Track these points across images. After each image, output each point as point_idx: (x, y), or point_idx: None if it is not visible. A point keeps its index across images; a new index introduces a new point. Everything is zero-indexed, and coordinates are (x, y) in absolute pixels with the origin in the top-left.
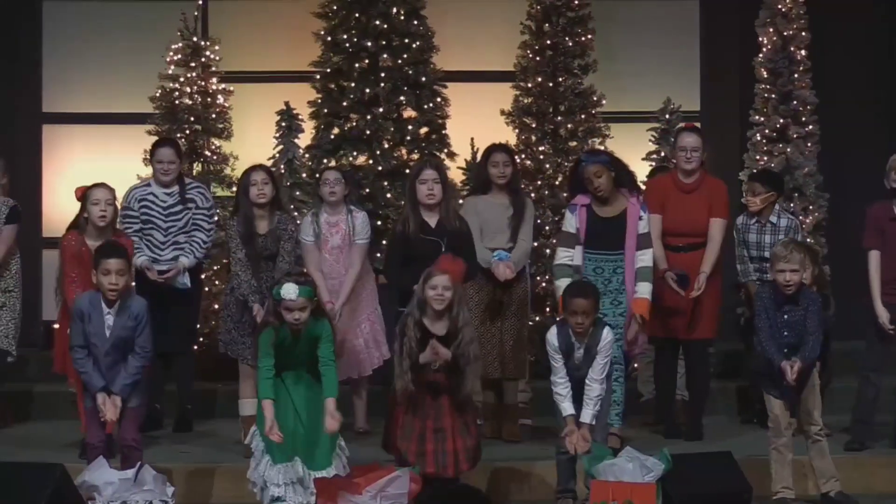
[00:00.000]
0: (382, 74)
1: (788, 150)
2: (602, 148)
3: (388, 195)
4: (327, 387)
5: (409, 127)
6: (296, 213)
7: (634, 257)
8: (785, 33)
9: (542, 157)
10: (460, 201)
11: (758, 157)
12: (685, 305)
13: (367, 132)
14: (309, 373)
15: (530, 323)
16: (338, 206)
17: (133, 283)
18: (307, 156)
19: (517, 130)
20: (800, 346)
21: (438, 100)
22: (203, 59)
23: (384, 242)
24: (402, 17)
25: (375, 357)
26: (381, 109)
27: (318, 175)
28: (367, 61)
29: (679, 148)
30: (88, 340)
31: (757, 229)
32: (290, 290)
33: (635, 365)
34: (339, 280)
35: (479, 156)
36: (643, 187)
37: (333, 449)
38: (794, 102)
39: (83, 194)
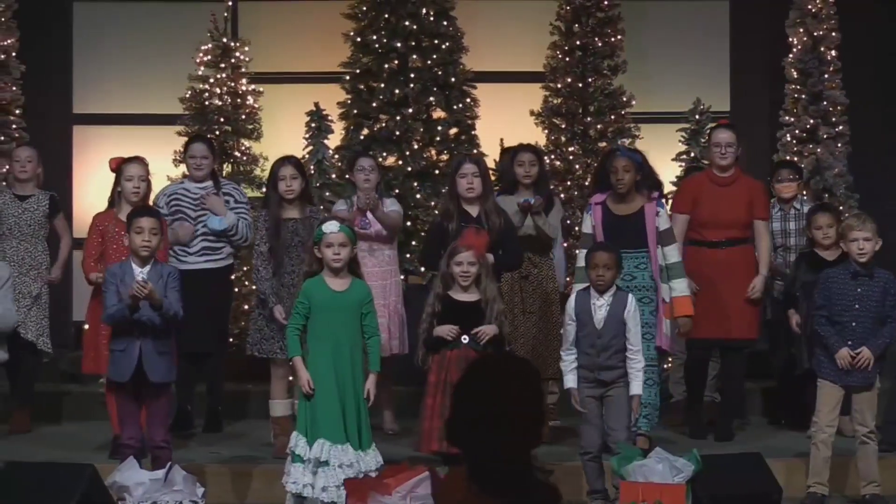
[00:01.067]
0: (412, 75)
1: (818, 150)
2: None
3: (418, 196)
4: (372, 360)
5: (439, 127)
6: (326, 214)
7: (657, 255)
8: (815, 33)
9: (571, 157)
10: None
11: (787, 158)
12: (728, 306)
13: (397, 133)
14: (352, 349)
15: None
16: (370, 193)
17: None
18: (336, 156)
19: (546, 131)
20: (861, 330)
21: (468, 100)
22: (233, 60)
23: (413, 243)
24: (432, 18)
25: (394, 343)
26: (410, 110)
27: (351, 163)
28: (396, 62)
29: (713, 144)
30: (121, 302)
31: (781, 217)
32: (331, 225)
33: (665, 366)
34: (371, 269)
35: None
36: (670, 187)
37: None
38: (824, 103)
39: (118, 167)
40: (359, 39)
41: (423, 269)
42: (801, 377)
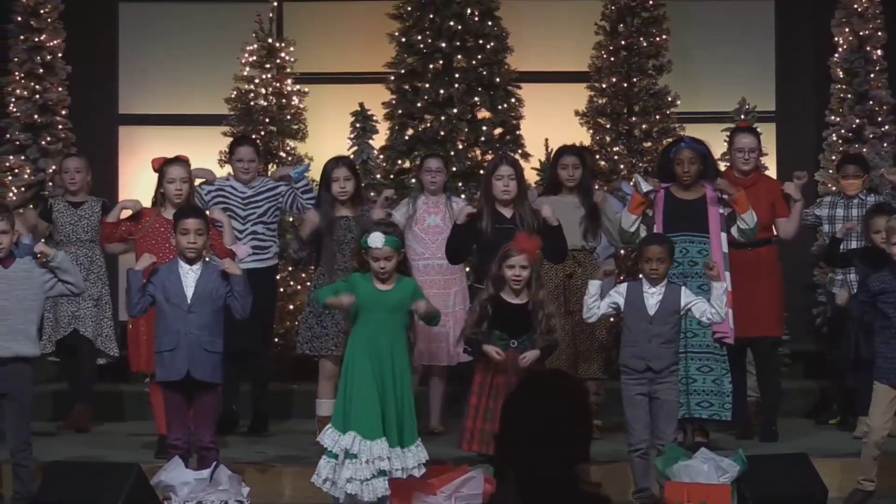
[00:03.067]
0: (456, 75)
1: (864, 150)
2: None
3: (462, 196)
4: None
5: (484, 128)
6: None
7: (721, 238)
8: (861, 33)
9: (616, 157)
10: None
11: (833, 158)
12: (750, 302)
13: (442, 133)
14: (397, 345)
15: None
16: (437, 193)
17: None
18: (381, 157)
19: (591, 131)
20: None
21: (512, 100)
22: (278, 61)
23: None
24: (477, 18)
25: (454, 353)
26: (455, 110)
27: (421, 163)
28: (441, 62)
29: (736, 149)
30: (167, 301)
31: (845, 205)
32: (376, 239)
33: None
34: (435, 261)
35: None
36: None
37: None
38: (871, 102)
39: (161, 167)
40: (403, 40)
41: (450, 262)
42: (853, 376)
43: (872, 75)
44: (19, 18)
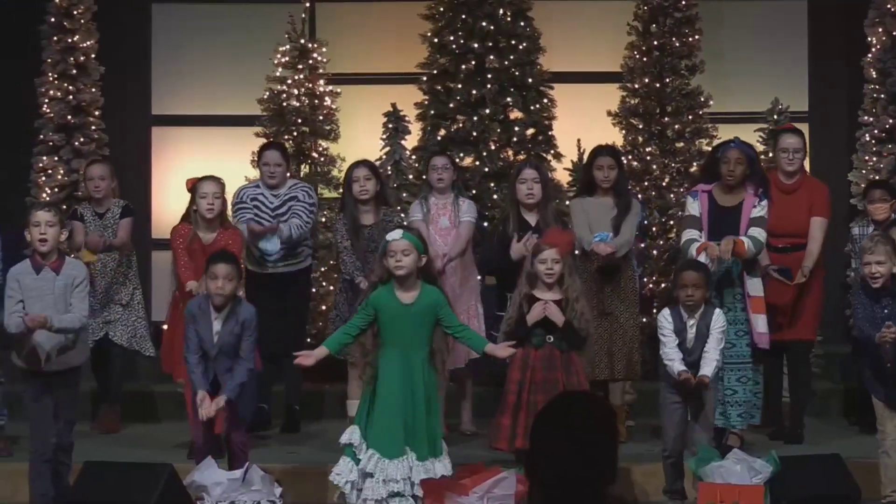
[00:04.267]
0: (489, 76)
1: None
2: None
3: (495, 196)
4: (477, 342)
5: (516, 128)
6: (402, 214)
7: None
8: (894, 33)
9: (648, 157)
10: (567, 203)
11: (867, 158)
12: (787, 305)
13: (474, 133)
14: (422, 356)
15: (639, 324)
16: (445, 192)
17: (242, 292)
18: (414, 157)
19: (624, 131)
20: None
21: (545, 101)
22: (310, 61)
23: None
24: (509, 19)
25: (465, 351)
26: (487, 111)
27: (427, 162)
28: (473, 63)
29: (780, 149)
30: (198, 336)
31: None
32: (394, 233)
33: None
34: (447, 278)
35: (585, 157)
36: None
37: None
38: None
39: (193, 186)
40: (436, 40)
41: (481, 273)
42: None
43: None
44: (52, 19)
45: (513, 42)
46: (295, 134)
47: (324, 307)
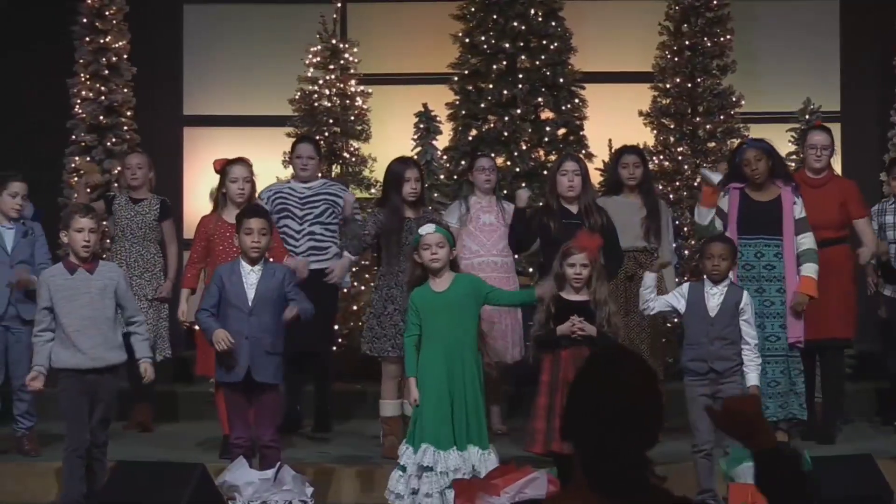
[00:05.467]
0: (520, 76)
1: None
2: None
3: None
4: (526, 296)
5: (547, 128)
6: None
7: (794, 243)
8: None
9: (680, 157)
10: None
11: None
12: (823, 306)
13: (505, 133)
14: (463, 349)
15: (668, 326)
16: (490, 193)
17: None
18: (445, 157)
19: (655, 131)
20: None
21: (576, 101)
22: (342, 62)
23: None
24: (540, 19)
25: (515, 351)
26: (518, 111)
27: (471, 163)
28: (504, 63)
29: (809, 146)
30: (228, 303)
31: (895, 210)
32: (427, 227)
33: None
34: (490, 259)
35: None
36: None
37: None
38: None
39: (222, 169)
40: (467, 40)
41: (514, 252)
42: None
43: None
44: (84, 20)
45: (544, 42)
46: (326, 134)
47: (354, 307)
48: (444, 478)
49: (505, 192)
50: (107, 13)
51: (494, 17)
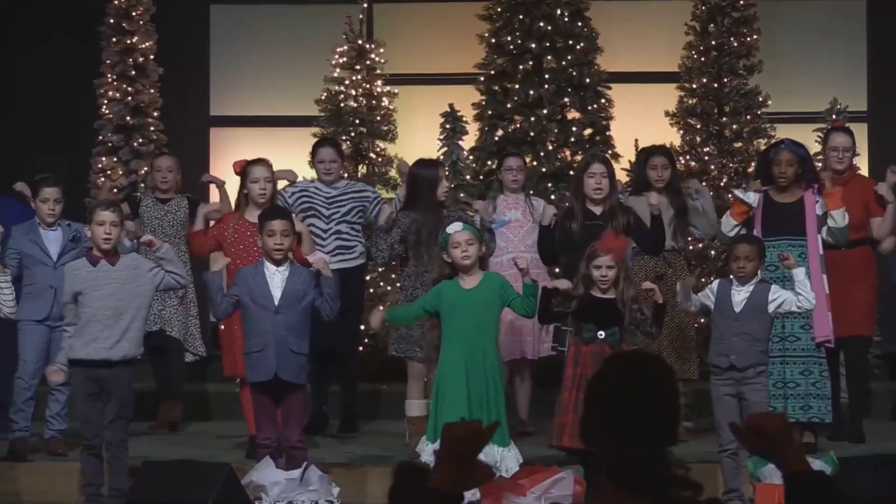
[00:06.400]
0: (546, 76)
1: None
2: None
3: (552, 196)
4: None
5: (573, 128)
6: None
7: (818, 242)
8: None
9: (706, 157)
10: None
11: None
12: (844, 303)
13: (531, 134)
14: (486, 346)
15: (695, 325)
16: (518, 192)
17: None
18: (471, 158)
19: (681, 131)
20: None
21: (602, 101)
22: (368, 62)
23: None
24: (567, 19)
25: (543, 347)
26: (544, 111)
27: (499, 162)
28: (531, 63)
29: (830, 148)
30: (254, 302)
31: None
32: (455, 225)
33: None
34: (517, 255)
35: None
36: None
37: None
38: None
39: (243, 170)
40: (493, 40)
41: (543, 262)
42: None
43: None
44: (111, 21)
45: (570, 42)
46: (352, 134)
47: (381, 307)
48: None
49: (531, 192)
50: (134, 14)
51: (521, 17)
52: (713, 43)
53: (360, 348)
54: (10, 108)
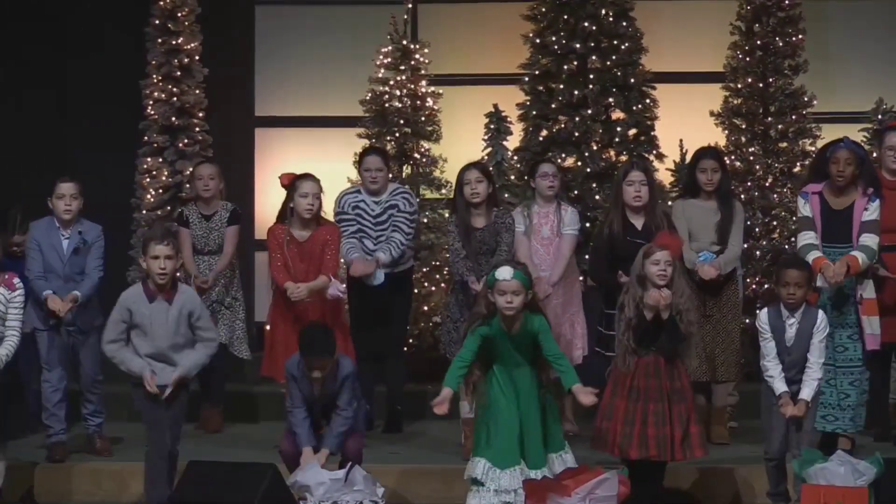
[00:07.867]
0: (591, 76)
1: None
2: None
3: (597, 197)
4: (567, 378)
5: (618, 128)
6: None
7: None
8: None
9: (751, 158)
10: (669, 203)
11: None
12: (891, 308)
13: (576, 134)
14: (527, 367)
15: (741, 326)
16: (551, 200)
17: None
18: (515, 158)
19: (727, 132)
20: None
21: (647, 101)
22: (412, 63)
23: (591, 244)
24: (611, 19)
25: (577, 353)
26: (589, 111)
27: (532, 169)
28: (575, 63)
29: (886, 147)
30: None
31: None
32: (504, 271)
33: None
34: (543, 271)
35: (688, 157)
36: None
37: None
38: None
39: (291, 183)
40: (538, 41)
41: (594, 282)
42: None
43: None
44: (157, 22)
45: (615, 42)
46: (397, 135)
47: (425, 308)
48: (496, 496)
49: (575, 192)
50: (179, 15)
51: (565, 17)
52: (758, 43)
53: (406, 349)
54: (63, 113)
